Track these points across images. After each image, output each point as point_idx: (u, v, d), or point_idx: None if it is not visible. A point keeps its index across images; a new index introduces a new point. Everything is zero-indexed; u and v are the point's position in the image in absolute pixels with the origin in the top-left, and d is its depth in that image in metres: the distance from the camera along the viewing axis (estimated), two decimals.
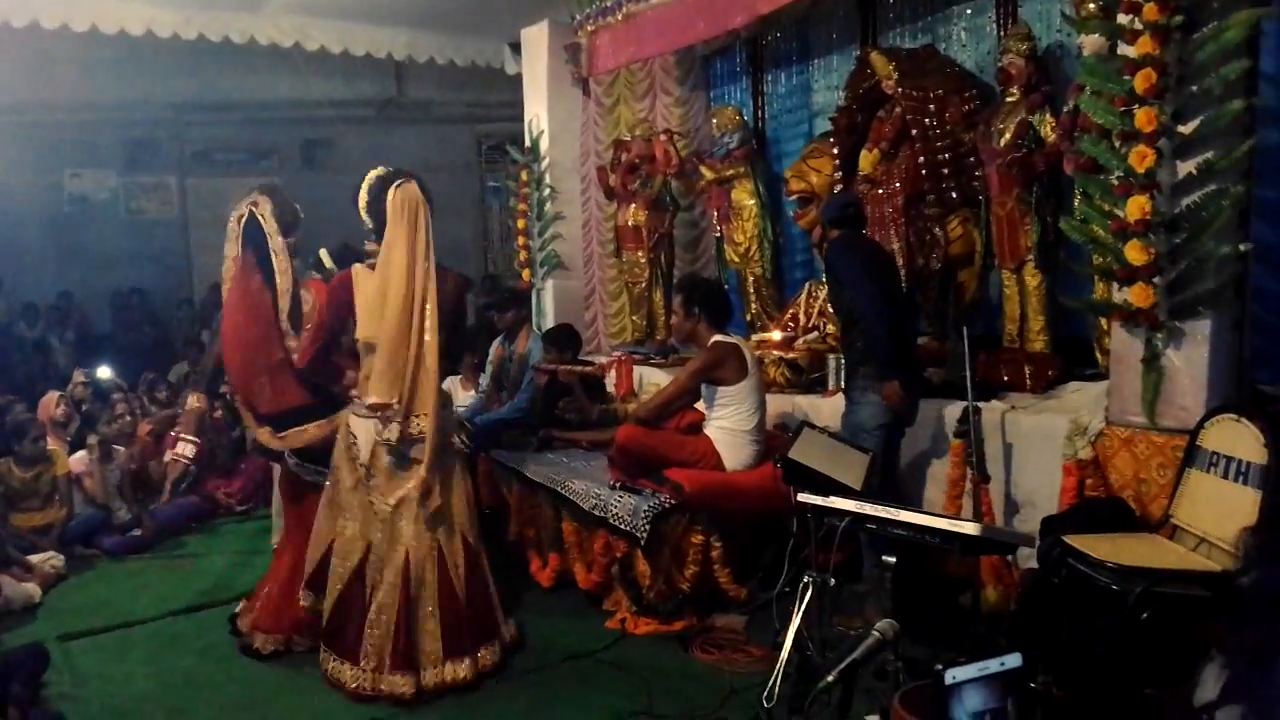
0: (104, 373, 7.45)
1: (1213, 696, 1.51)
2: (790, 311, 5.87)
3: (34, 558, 5.09)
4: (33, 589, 4.79)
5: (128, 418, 6.39)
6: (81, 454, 5.89)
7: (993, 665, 1.37)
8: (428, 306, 3.58)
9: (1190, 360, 3.50)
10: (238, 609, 4.29)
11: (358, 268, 3.78)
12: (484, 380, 6.05)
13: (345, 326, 3.76)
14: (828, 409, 4.85)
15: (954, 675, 1.37)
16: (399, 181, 3.68)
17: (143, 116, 11.24)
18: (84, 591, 5.01)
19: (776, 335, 5.69)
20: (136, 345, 10.63)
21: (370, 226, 3.77)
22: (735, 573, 4.24)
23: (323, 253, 5.09)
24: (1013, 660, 1.38)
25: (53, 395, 6.31)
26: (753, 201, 6.19)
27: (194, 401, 4.67)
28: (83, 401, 6.68)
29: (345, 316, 3.74)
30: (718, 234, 6.56)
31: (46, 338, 10.54)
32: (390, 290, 3.53)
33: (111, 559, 5.53)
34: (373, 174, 3.83)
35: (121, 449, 6.09)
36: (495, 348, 5.97)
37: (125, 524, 5.84)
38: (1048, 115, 4.39)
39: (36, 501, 5.51)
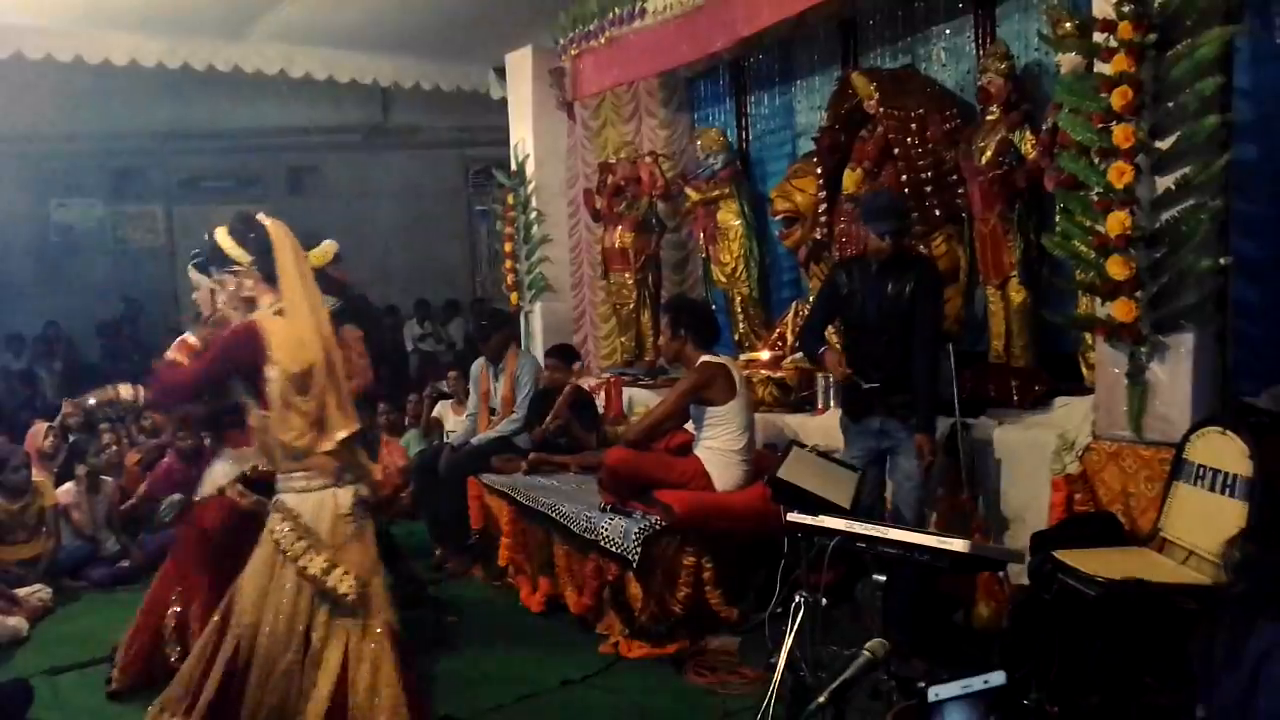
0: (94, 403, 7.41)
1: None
2: (778, 331, 5.89)
3: (21, 591, 5.04)
4: (19, 623, 4.75)
5: (114, 448, 6.36)
6: (69, 485, 5.85)
7: (976, 683, 1.38)
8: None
9: (1174, 374, 3.52)
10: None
11: (259, 315, 3.11)
12: (471, 402, 6.05)
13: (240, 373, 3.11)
14: (816, 428, 4.86)
15: (937, 693, 1.37)
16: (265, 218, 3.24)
17: (128, 146, 11.27)
18: (72, 624, 4.96)
19: (764, 354, 5.71)
20: (124, 375, 10.57)
21: (247, 262, 3.14)
22: (727, 594, 4.23)
23: None
24: (997, 678, 1.39)
25: (41, 426, 6.28)
26: (738, 222, 6.22)
27: None
28: (71, 432, 6.64)
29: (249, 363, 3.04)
30: (704, 255, 6.58)
31: (33, 368, 10.49)
32: (319, 316, 3.13)
33: (100, 590, 5.48)
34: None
35: (109, 480, 6.05)
36: (480, 369, 5.97)
37: (113, 555, 5.79)
38: (1028, 133, 4.43)
39: (23, 533, 5.45)
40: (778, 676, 3.06)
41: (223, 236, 3.18)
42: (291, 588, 3.03)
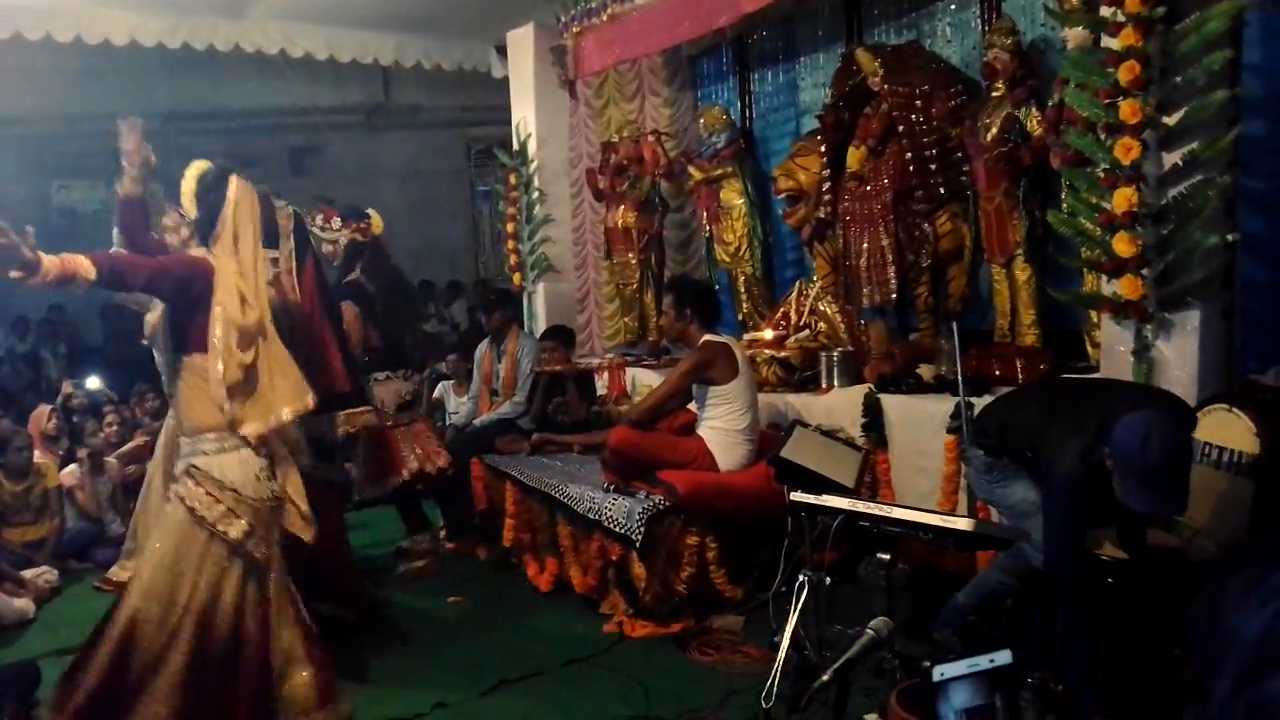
0: (95, 384, 7.43)
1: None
2: (781, 310, 5.87)
3: (27, 573, 5.07)
4: (26, 605, 4.77)
5: (116, 428, 6.36)
6: (73, 467, 5.86)
7: (982, 662, 1.37)
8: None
9: (1180, 351, 3.50)
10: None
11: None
12: (474, 385, 6.05)
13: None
14: (820, 407, 4.84)
15: (942, 672, 1.36)
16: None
17: None
18: (78, 605, 4.97)
19: (768, 334, 5.68)
20: (129, 357, 10.60)
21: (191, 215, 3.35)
22: (731, 573, 4.23)
23: None
24: (1002, 657, 1.38)
25: (44, 409, 6.29)
26: (741, 201, 6.19)
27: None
28: (75, 414, 6.65)
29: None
30: (707, 234, 6.55)
31: (38, 351, 10.50)
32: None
33: (105, 572, 5.49)
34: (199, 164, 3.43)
35: (113, 461, 6.06)
36: (483, 350, 5.97)
37: (119, 536, 5.81)
38: (1033, 109, 4.39)
39: (28, 515, 5.48)
40: (782, 655, 3.06)
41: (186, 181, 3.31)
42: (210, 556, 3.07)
